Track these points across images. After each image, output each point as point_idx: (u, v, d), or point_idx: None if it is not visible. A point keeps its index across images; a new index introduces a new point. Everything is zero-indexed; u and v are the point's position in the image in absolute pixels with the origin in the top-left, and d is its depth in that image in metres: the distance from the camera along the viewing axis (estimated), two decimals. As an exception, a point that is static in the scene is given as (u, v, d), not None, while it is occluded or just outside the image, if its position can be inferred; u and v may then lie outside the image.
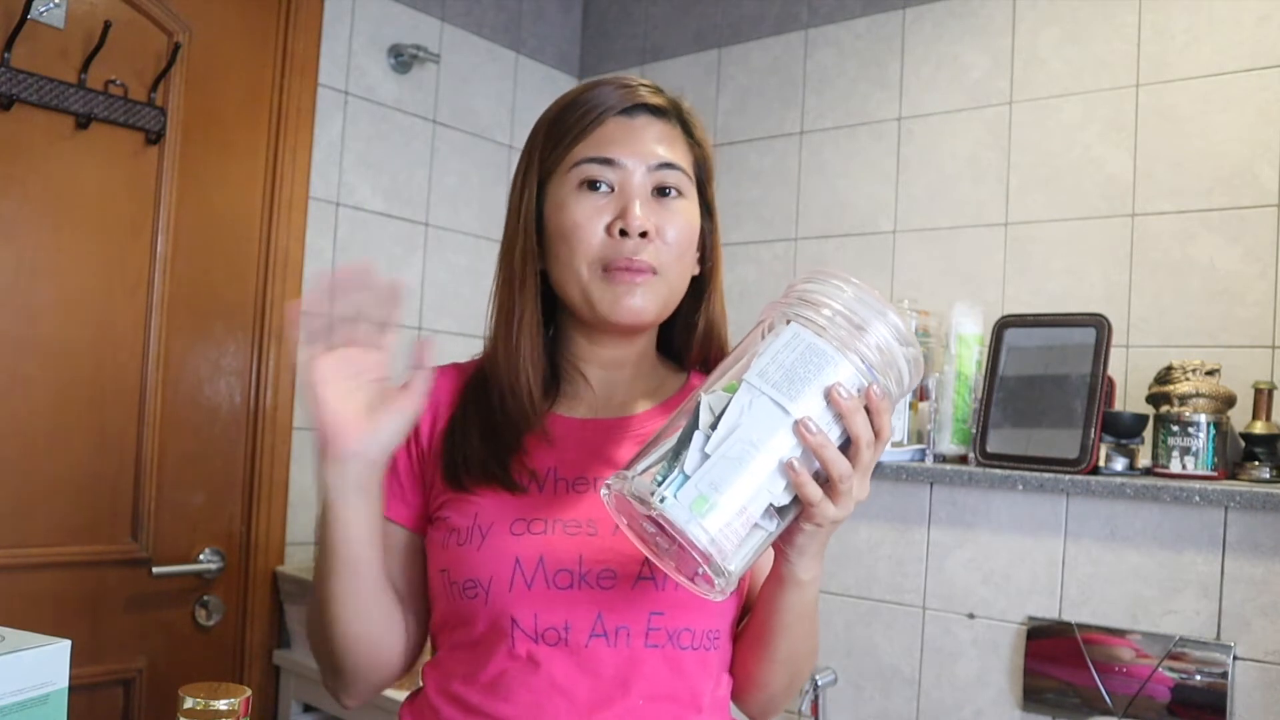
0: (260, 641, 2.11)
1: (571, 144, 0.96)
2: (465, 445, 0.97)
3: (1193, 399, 1.70)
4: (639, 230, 0.92)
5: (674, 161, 0.96)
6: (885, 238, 2.25)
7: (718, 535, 0.71)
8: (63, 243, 1.83)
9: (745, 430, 0.73)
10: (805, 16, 2.42)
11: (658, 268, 0.94)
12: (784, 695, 0.99)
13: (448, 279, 2.47)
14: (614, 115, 0.96)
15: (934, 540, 1.93)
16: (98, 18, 1.84)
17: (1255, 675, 1.60)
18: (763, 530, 0.75)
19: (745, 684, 0.98)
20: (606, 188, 0.94)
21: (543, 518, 0.91)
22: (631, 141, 0.95)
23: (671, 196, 0.96)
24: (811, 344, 0.74)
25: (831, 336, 0.75)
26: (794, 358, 0.74)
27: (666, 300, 0.97)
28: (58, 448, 1.82)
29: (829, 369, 0.74)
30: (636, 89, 0.98)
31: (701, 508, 0.71)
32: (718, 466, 0.72)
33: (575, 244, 0.94)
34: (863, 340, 0.75)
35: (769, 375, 0.74)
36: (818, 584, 0.88)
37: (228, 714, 0.68)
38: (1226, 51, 1.86)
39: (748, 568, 0.75)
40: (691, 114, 1.02)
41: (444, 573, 0.94)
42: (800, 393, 0.73)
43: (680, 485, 0.72)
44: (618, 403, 1.01)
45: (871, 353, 0.75)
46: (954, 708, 1.88)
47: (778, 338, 0.75)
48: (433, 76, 2.44)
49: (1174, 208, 1.89)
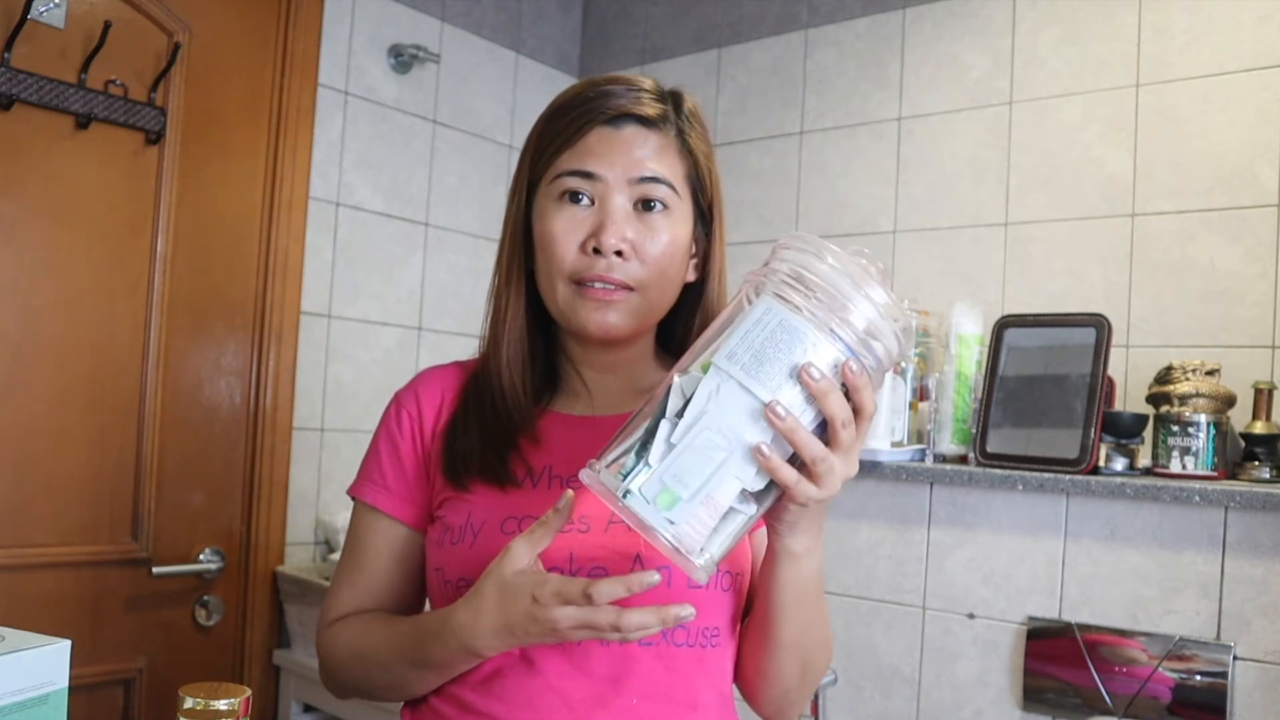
0: (260, 641, 2.11)
1: (556, 153, 0.95)
2: (465, 441, 0.97)
3: (1193, 399, 1.70)
4: (613, 249, 0.91)
5: (659, 175, 0.94)
6: (885, 238, 2.25)
7: (684, 529, 0.70)
8: (63, 243, 1.83)
9: (711, 417, 0.70)
10: (805, 16, 2.42)
11: (634, 285, 0.93)
12: (798, 690, 0.96)
13: (448, 279, 2.47)
14: (599, 125, 0.94)
15: (934, 540, 1.93)
16: (98, 18, 1.84)
17: (1255, 675, 1.60)
18: (741, 514, 0.73)
19: (755, 678, 0.96)
20: (587, 200, 0.93)
21: (534, 515, 0.91)
22: (613, 154, 0.93)
23: (655, 211, 0.94)
24: (783, 320, 0.70)
25: (805, 312, 0.71)
26: (764, 336, 0.70)
27: (645, 315, 0.96)
28: (58, 448, 1.82)
29: (800, 347, 0.70)
30: (629, 95, 0.95)
31: (666, 501, 0.70)
32: (683, 457, 0.70)
33: (551, 257, 0.94)
34: (841, 314, 0.71)
35: (738, 356, 0.70)
36: (816, 559, 0.85)
37: (228, 714, 0.68)
38: (1226, 51, 1.86)
39: (728, 550, 0.74)
40: (691, 117, 0.99)
41: (439, 571, 0.95)
42: (769, 375, 0.69)
43: (645, 479, 0.71)
44: (616, 400, 1.01)
45: (849, 327, 0.71)
46: (954, 708, 1.88)
47: (749, 314, 0.72)
48: (433, 76, 2.44)
49: (1174, 208, 1.89)
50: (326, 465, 2.23)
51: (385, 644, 0.94)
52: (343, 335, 2.26)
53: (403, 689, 0.96)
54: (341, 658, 0.99)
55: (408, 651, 0.91)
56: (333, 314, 2.24)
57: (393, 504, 1.01)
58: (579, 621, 0.76)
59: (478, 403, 0.99)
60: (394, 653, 0.93)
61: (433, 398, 1.02)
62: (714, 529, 0.71)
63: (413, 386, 1.05)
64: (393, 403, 1.05)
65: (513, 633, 0.81)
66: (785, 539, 0.82)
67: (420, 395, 1.03)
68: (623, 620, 0.75)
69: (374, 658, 0.95)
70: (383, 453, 1.02)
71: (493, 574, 0.82)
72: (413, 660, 0.91)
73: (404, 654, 0.92)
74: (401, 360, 2.37)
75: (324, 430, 2.23)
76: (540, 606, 0.77)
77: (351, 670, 0.98)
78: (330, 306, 2.23)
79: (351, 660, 0.98)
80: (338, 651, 1.00)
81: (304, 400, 2.18)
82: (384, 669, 0.94)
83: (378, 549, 1.02)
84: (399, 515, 1.01)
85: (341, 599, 1.02)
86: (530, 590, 0.78)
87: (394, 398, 1.05)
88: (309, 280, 2.18)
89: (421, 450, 1.01)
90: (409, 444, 1.01)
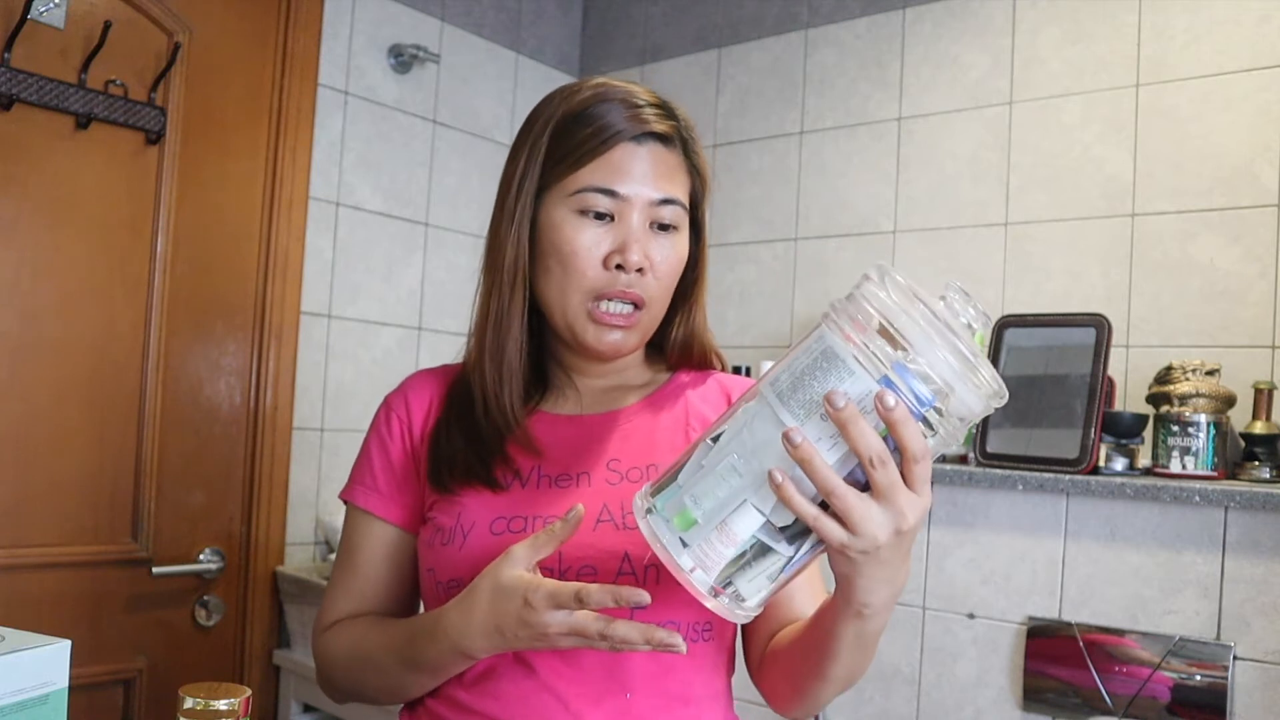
0: (260, 641, 2.11)
1: (577, 164, 0.94)
2: (449, 447, 0.97)
3: (1193, 399, 1.70)
4: (636, 267, 0.93)
5: (674, 196, 0.96)
6: (885, 238, 2.25)
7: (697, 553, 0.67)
8: (63, 243, 1.83)
9: (740, 442, 0.67)
10: (805, 16, 2.42)
11: (647, 300, 0.95)
12: (828, 703, 0.96)
13: (448, 279, 2.47)
14: (624, 141, 0.94)
15: (934, 540, 1.93)
16: (98, 18, 1.84)
17: (1255, 675, 1.60)
18: (778, 554, 0.68)
19: (790, 693, 0.93)
20: (609, 218, 0.94)
21: (524, 515, 0.92)
22: (638, 174, 0.94)
23: (668, 231, 0.96)
24: (828, 348, 0.66)
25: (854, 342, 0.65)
26: (807, 363, 0.67)
27: (648, 329, 0.99)
28: (58, 448, 1.82)
29: (834, 375, 0.65)
30: (646, 114, 0.96)
31: (682, 522, 0.67)
32: (705, 479, 0.68)
33: (570, 271, 0.94)
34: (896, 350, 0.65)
35: (779, 382, 0.67)
36: (881, 619, 0.78)
37: (228, 714, 0.68)
38: (1226, 51, 1.86)
39: (769, 593, 0.70)
40: (691, 132, 1.01)
41: (431, 572, 0.95)
42: (800, 402, 0.66)
43: (670, 497, 0.69)
44: (606, 399, 1.02)
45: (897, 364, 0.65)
46: (954, 708, 1.88)
47: (804, 340, 0.69)
48: (433, 76, 2.44)
49: (1174, 208, 1.89)
50: (326, 465, 2.23)
51: (380, 646, 0.94)
52: (342, 335, 2.26)
53: (398, 692, 0.96)
54: (338, 662, 0.99)
55: (402, 652, 0.91)
56: (332, 314, 2.24)
57: (384, 507, 1.01)
58: (568, 628, 0.77)
59: (463, 407, 0.99)
60: (389, 655, 0.93)
61: (421, 401, 1.03)
62: (736, 562, 0.67)
63: (402, 390, 1.06)
64: (382, 406, 1.06)
65: (503, 635, 0.81)
66: (847, 592, 0.75)
67: (409, 399, 1.04)
68: (610, 629, 0.75)
69: (370, 661, 0.95)
70: (373, 456, 1.03)
71: (489, 575, 0.82)
72: (407, 662, 0.91)
73: (399, 655, 0.92)
74: (401, 360, 2.37)
75: (324, 430, 2.23)
76: (531, 610, 0.77)
77: (348, 674, 0.98)
78: (330, 306, 2.23)
79: (348, 664, 0.98)
80: (335, 656, 1.00)
81: (304, 400, 2.18)
82: (380, 672, 0.95)
83: (371, 552, 1.02)
84: (390, 518, 1.01)
85: (336, 603, 1.03)
86: (523, 593, 0.78)
87: (384, 401, 1.06)
88: (309, 280, 2.18)
89: (411, 453, 1.01)
90: (399, 447, 1.02)
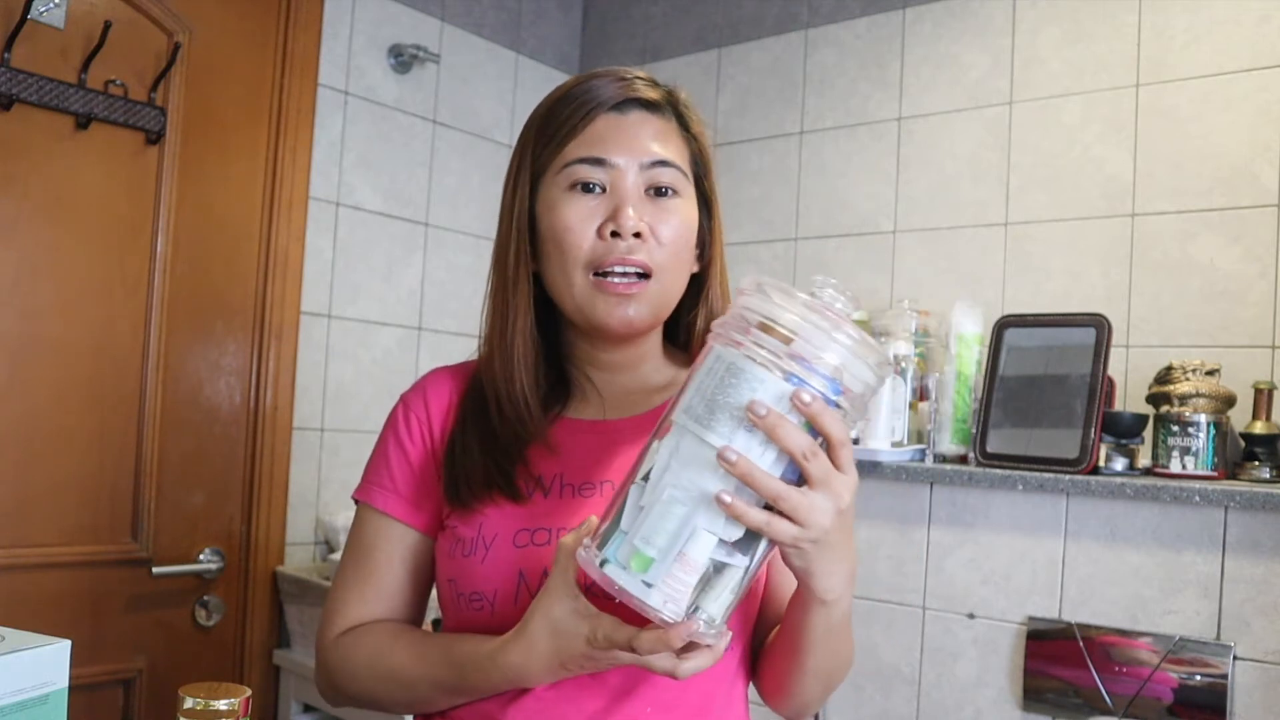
0: (260, 641, 2.11)
1: (562, 142, 0.93)
2: (465, 459, 0.94)
3: (1193, 399, 1.70)
4: (631, 231, 0.89)
5: (668, 159, 0.93)
6: (885, 238, 2.25)
7: (663, 591, 0.68)
8: (63, 243, 1.83)
9: (673, 474, 0.68)
10: (805, 16, 2.42)
11: (652, 269, 0.91)
12: (819, 700, 0.96)
13: (448, 279, 2.47)
14: (605, 111, 0.93)
15: (934, 540, 1.93)
16: (98, 18, 1.84)
17: (1255, 675, 1.60)
18: (733, 567, 0.70)
19: (777, 691, 0.95)
20: (599, 188, 0.92)
21: (546, 527, 0.90)
22: (623, 139, 0.92)
23: (667, 195, 0.93)
24: (731, 364, 0.68)
25: (749, 348, 0.68)
26: (714, 383, 0.69)
27: (661, 304, 0.94)
28: (58, 448, 1.82)
29: (747, 387, 0.67)
30: (631, 82, 0.95)
31: (639, 564, 0.68)
32: (650, 518, 0.68)
33: (567, 248, 0.91)
34: (791, 347, 0.68)
35: (693, 409, 0.69)
36: (844, 603, 0.81)
37: (228, 714, 0.68)
38: (1226, 51, 1.86)
39: (731, 605, 0.72)
40: (687, 105, 0.99)
41: (451, 583, 0.93)
42: (721, 421, 0.68)
43: (618, 545, 0.70)
44: (629, 402, 0.98)
45: (799, 359, 0.68)
46: (954, 708, 1.88)
47: (702, 364, 0.71)
48: (433, 76, 2.44)
49: (1174, 208, 1.89)
50: (326, 465, 2.23)
51: (412, 664, 0.91)
52: (343, 335, 2.26)
53: (425, 707, 0.94)
54: (357, 674, 0.95)
55: (441, 676, 0.89)
56: (333, 314, 2.24)
57: (404, 509, 0.98)
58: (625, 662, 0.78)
59: (480, 413, 0.96)
60: (423, 675, 0.91)
61: (441, 400, 1.00)
62: (698, 587, 0.69)
63: (420, 388, 1.02)
64: (399, 405, 1.02)
65: (566, 669, 0.82)
66: (807, 583, 0.77)
67: (429, 397, 1.00)
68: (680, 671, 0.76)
69: (396, 677, 0.92)
70: (391, 456, 0.99)
71: (541, 614, 0.81)
72: (449, 687, 0.89)
73: (436, 678, 0.90)
74: (401, 360, 2.37)
75: (324, 430, 2.23)
76: (597, 648, 0.78)
77: (366, 684, 0.95)
78: (330, 306, 2.23)
79: (369, 675, 0.94)
80: (352, 666, 0.95)
81: (304, 400, 2.18)
82: (408, 688, 0.92)
83: (388, 555, 0.98)
84: (411, 521, 0.98)
85: (349, 608, 0.98)
86: (585, 634, 0.78)
87: (400, 400, 1.02)
88: (309, 280, 2.18)
89: (432, 453, 0.98)
90: (419, 447, 0.98)
